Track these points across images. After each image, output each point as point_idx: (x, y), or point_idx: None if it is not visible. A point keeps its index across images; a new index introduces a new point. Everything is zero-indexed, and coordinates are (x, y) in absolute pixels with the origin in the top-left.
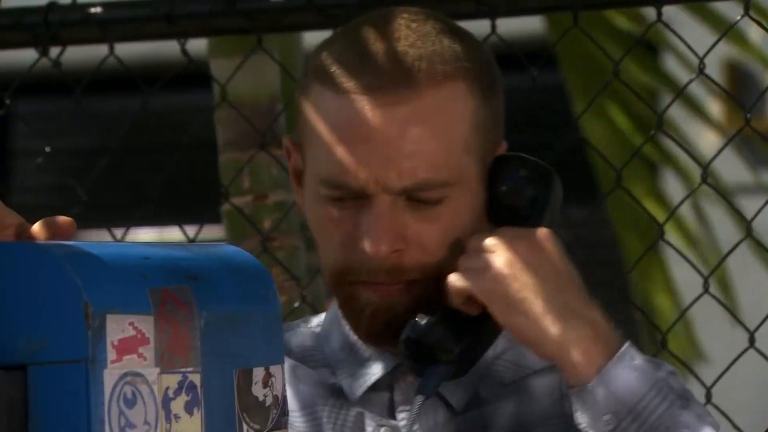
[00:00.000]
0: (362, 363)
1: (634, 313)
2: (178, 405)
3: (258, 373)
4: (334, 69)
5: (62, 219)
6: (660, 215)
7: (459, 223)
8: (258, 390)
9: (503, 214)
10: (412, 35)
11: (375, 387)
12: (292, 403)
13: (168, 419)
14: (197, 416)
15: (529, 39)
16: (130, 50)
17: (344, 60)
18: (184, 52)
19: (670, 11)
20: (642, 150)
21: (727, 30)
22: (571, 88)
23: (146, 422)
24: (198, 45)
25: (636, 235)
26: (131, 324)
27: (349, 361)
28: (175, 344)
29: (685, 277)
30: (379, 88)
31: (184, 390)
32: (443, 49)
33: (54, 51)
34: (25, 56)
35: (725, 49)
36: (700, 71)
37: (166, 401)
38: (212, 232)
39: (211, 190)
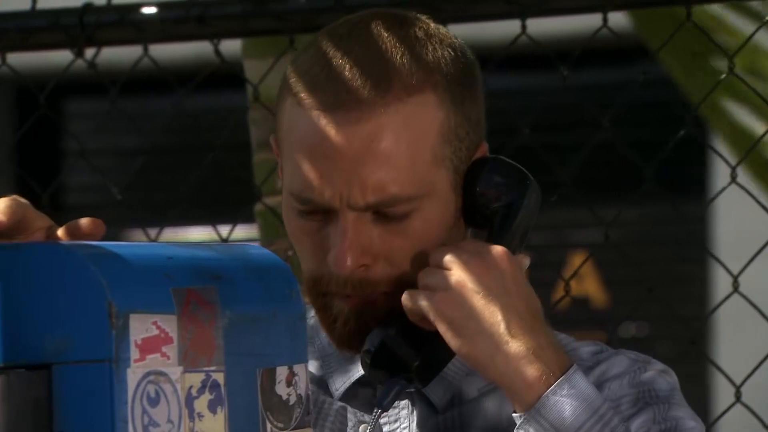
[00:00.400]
0: (348, 359)
1: None
2: (201, 404)
3: (281, 372)
4: (301, 84)
5: (90, 220)
6: None
7: (428, 235)
8: (282, 389)
9: (477, 216)
10: (381, 47)
11: (359, 383)
12: None
13: (191, 418)
14: (221, 415)
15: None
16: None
17: (312, 74)
18: (217, 52)
19: None
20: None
21: None
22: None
23: (169, 420)
24: (234, 45)
25: None
26: (155, 323)
27: (335, 356)
28: (199, 343)
29: None
30: (342, 106)
31: (207, 389)
32: (411, 61)
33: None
34: (65, 57)
35: None
36: None
37: (190, 400)
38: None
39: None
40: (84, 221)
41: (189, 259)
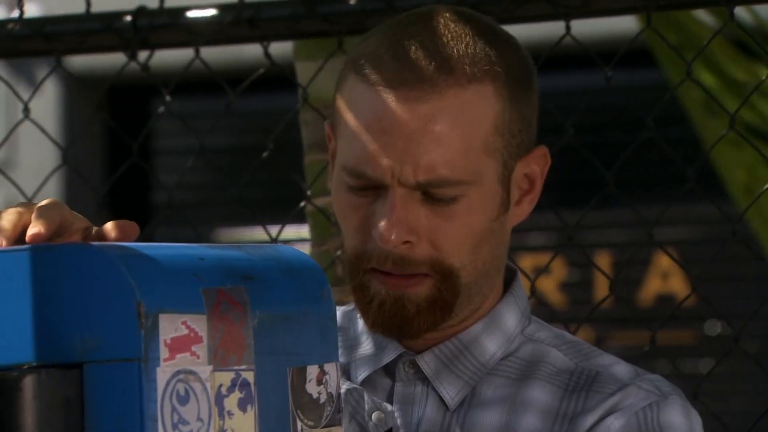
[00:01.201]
0: (377, 346)
1: None
2: (231, 402)
3: (312, 371)
4: (367, 61)
5: (125, 222)
6: None
7: (472, 222)
8: (312, 387)
9: None
10: (447, 35)
11: (382, 371)
12: None
13: (221, 416)
14: (251, 413)
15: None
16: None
17: (377, 54)
18: (266, 54)
19: None
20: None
21: None
22: (663, 58)
23: (199, 419)
24: (286, 48)
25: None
26: (184, 323)
27: (364, 345)
28: (229, 343)
29: None
30: (404, 84)
31: (237, 387)
32: (475, 52)
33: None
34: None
35: None
36: None
37: (220, 398)
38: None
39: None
40: (120, 223)
41: (219, 260)
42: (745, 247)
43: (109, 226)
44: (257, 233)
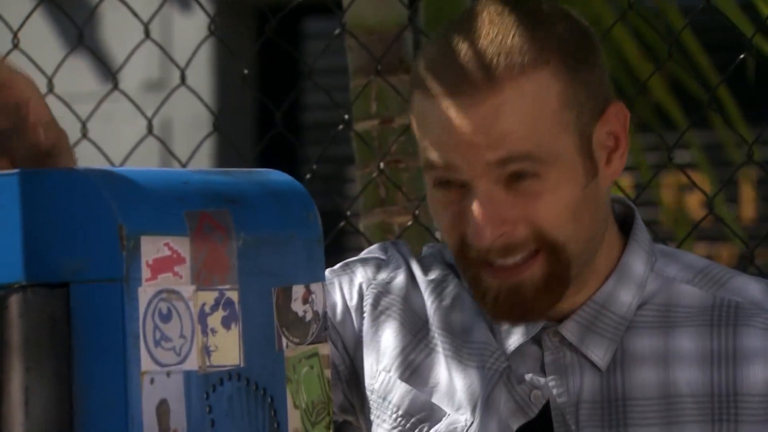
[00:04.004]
0: None
1: None
2: (215, 320)
3: (297, 290)
4: (425, 74)
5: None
6: None
7: (564, 197)
8: (297, 306)
9: None
10: (492, 30)
11: (530, 340)
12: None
13: (204, 333)
14: (235, 330)
15: None
16: None
17: (432, 65)
18: None
19: None
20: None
21: None
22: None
23: (182, 336)
24: None
25: None
26: (167, 245)
27: None
28: (212, 263)
29: None
30: (461, 92)
31: (221, 306)
32: (523, 40)
33: None
34: None
35: None
36: None
37: (203, 316)
38: None
39: None
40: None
41: (204, 184)
42: None
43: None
44: None
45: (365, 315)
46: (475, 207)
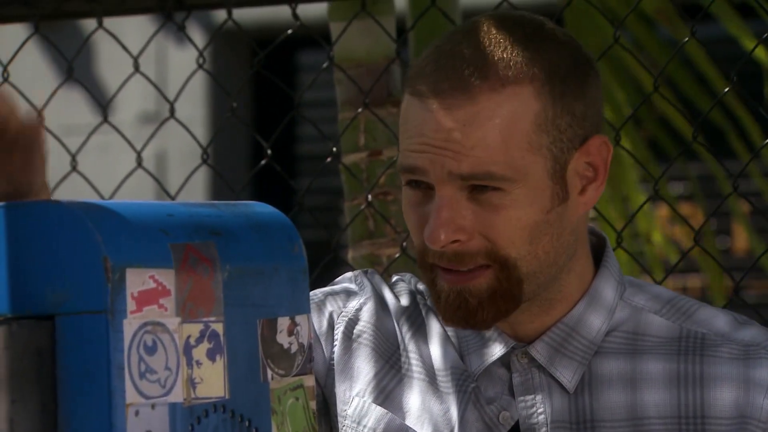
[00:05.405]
0: (483, 339)
1: None
2: (200, 352)
3: (283, 322)
4: (415, 76)
5: None
6: None
7: (523, 216)
8: (283, 338)
9: None
10: (486, 42)
11: (498, 361)
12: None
13: (190, 365)
14: (220, 362)
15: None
16: None
17: (422, 67)
18: (294, 15)
19: None
20: None
21: None
22: None
23: (167, 368)
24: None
25: None
26: (152, 277)
27: (473, 336)
28: (198, 296)
29: None
30: (441, 92)
31: (206, 338)
32: (511, 56)
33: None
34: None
35: None
36: None
37: (188, 348)
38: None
39: None
40: None
41: (189, 216)
42: None
43: None
44: None
45: (336, 343)
46: (435, 210)
